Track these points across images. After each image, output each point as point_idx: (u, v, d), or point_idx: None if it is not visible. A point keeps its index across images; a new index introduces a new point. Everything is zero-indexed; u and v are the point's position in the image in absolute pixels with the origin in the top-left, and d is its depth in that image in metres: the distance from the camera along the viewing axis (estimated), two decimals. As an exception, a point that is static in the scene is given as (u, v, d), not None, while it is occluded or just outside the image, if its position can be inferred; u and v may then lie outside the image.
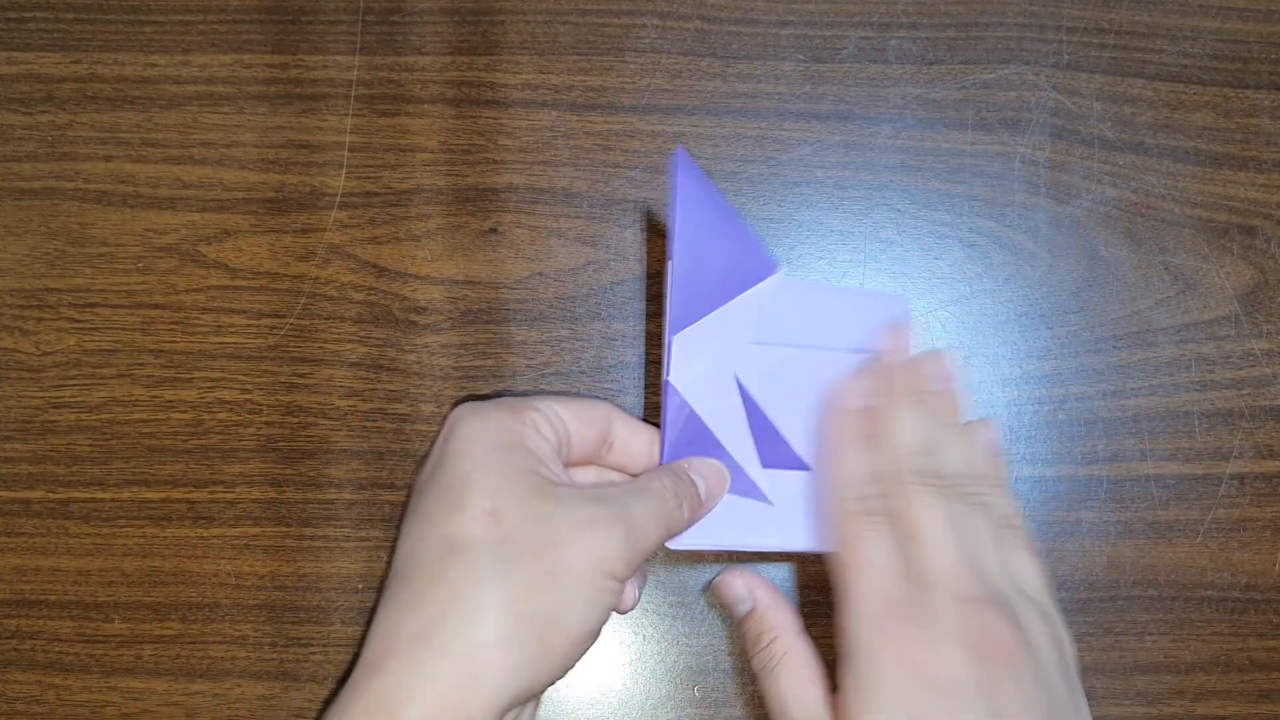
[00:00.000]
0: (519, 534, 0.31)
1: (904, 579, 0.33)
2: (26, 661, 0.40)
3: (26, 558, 0.41)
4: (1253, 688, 0.41)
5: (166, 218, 0.42)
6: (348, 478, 0.41)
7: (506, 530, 0.31)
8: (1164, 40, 0.44)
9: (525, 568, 0.31)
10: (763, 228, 0.43)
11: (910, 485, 0.34)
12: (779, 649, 0.36)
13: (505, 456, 0.33)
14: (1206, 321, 0.42)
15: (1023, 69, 0.43)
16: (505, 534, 0.31)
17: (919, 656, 0.32)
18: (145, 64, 0.43)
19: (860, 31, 0.43)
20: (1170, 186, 0.43)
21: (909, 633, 0.32)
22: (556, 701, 0.41)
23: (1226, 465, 0.42)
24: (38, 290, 0.42)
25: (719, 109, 0.43)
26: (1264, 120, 0.43)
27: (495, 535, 0.31)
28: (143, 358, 0.42)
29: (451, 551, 0.32)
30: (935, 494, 0.34)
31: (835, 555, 0.35)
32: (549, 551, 0.31)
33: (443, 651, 0.30)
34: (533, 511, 0.32)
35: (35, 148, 0.42)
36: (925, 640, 0.32)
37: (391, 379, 0.42)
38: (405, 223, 0.42)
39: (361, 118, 0.43)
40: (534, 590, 0.31)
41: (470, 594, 0.31)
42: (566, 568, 0.31)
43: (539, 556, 0.31)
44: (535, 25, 0.43)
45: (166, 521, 0.41)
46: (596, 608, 0.32)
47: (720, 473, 0.37)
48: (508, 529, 0.31)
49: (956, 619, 0.32)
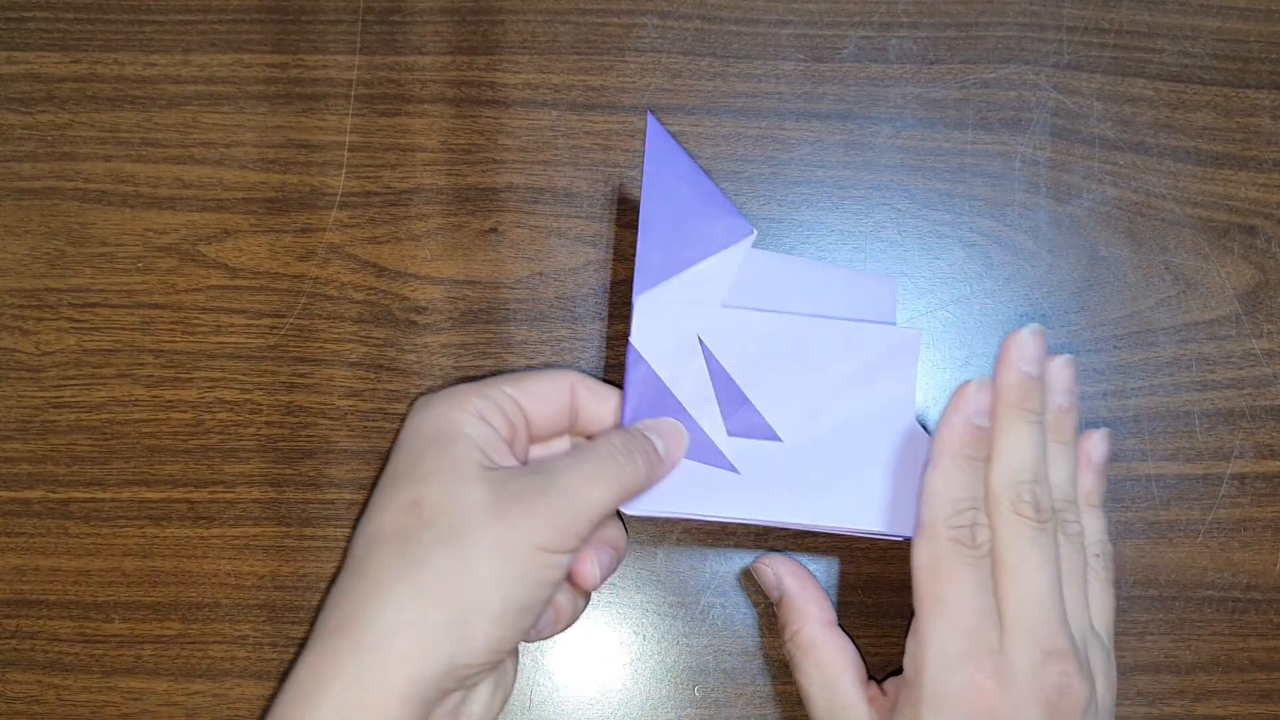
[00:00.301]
0: (437, 521, 0.32)
1: (989, 621, 0.32)
2: (26, 661, 0.40)
3: (26, 558, 0.41)
4: (1253, 688, 0.41)
5: (166, 218, 0.42)
6: (348, 478, 0.41)
7: (426, 518, 0.32)
8: (1164, 40, 0.44)
9: (440, 554, 0.31)
10: (763, 227, 0.43)
11: (1011, 517, 0.33)
12: (804, 640, 0.36)
13: (439, 447, 0.33)
14: (1207, 321, 0.42)
15: (1023, 69, 0.43)
16: (424, 522, 0.32)
17: (993, 712, 0.31)
18: (145, 64, 0.43)
19: (861, 31, 0.43)
20: (1171, 186, 0.43)
21: (986, 685, 0.31)
22: (556, 702, 0.41)
23: (1227, 465, 0.42)
24: (38, 290, 0.42)
25: (719, 109, 0.43)
26: (1264, 120, 0.43)
27: (412, 524, 0.32)
28: (143, 358, 0.42)
29: (374, 544, 0.32)
30: (1034, 528, 0.33)
31: (920, 578, 0.33)
32: (465, 534, 0.31)
33: (356, 641, 0.31)
34: (453, 497, 0.32)
35: (35, 148, 0.42)
36: (1002, 697, 0.31)
37: (391, 379, 0.42)
38: (405, 222, 0.42)
39: (361, 117, 0.43)
40: (446, 575, 0.31)
41: (384, 583, 0.31)
42: (483, 548, 0.31)
43: (455, 540, 0.31)
44: (535, 25, 0.43)
45: (166, 521, 0.41)
46: (524, 583, 0.32)
47: (679, 431, 0.37)
48: (427, 517, 0.32)
49: (1036, 675, 0.32)
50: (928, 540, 0.33)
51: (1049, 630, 0.32)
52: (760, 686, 0.41)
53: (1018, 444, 0.33)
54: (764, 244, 0.42)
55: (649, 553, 0.41)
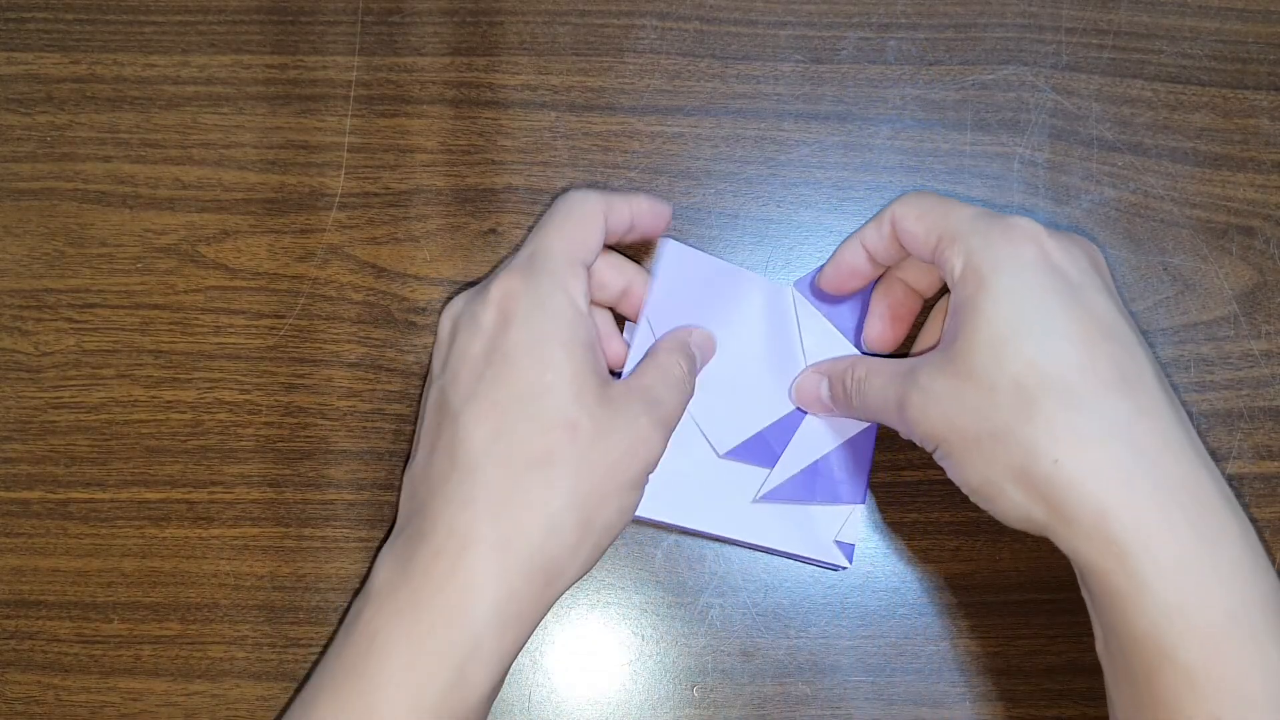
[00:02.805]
0: (592, 449, 0.34)
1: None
2: (25, 662, 0.40)
3: (25, 558, 0.41)
4: (1252, 688, 0.41)
5: (166, 218, 0.42)
6: (347, 478, 0.41)
7: (582, 445, 0.34)
8: (1163, 41, 0.44)
9: (593, 482, 0.34)
10: (762, 228, 0.43)
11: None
12: (861, 370, 0.38)
13: (573, 357, 0.35)
14: (1205, 322, 0.42)
15: (1022, 70, 0.43)
16: (581, 449, 0.34)
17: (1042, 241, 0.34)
18: (145, 64, 0.43)
19: (859, 32, 0.44)
20: (1169, 187, 0.43)
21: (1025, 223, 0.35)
22: (556, 702, 0.41)
23: (1225, 466, 0.42)
24: (37, 290, 0.42)
25: (718, 109, 0.43)
26: (1263, 121, 0.43)
27: (574, 451, 0.34)
28: (142, 358, 0.42)
29: (535, 464, 0.33)
30: None
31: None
32: (613, 467, 0.34)
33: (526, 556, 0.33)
34: (601, 423, 0.34)
35: (34, 148, 0.42)
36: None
37: (391, 379, 0.42)
38: (405, 223, 0.42)
39: (361, 118, 0.43)
40: (598, 503, 0.34)
41: (552, 505, 0.33)
42: (622, 480, 0.35)
43: (606, 471, 0.34)
44: (535, 26, 0.43)
45: (165, 522, 0.41)
46: (631, 508, 0.36)
47: (710, 341, 0.40)
48: (583, 444, 0.34)
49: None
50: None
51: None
52: (759, 686, 0.41)
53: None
54: (764, 244, 0.43)
55: (648, 553, 0.41)
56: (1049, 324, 0.32)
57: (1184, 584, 0.30)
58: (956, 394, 0.33)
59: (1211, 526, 0.31)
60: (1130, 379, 0.32)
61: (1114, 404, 0.31)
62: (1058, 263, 0.33)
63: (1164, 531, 0.30)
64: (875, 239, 0.38)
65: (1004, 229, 0.34)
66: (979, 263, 0.34)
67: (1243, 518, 0.31)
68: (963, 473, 0.34)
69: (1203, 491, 0.31)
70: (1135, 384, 0.32)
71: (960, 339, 0.33)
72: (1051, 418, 0.31)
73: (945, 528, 0.41)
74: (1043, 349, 0.32)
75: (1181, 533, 0.30)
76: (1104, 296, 0.33)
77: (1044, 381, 0.31)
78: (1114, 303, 0.34)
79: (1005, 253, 0.33)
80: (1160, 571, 0.30)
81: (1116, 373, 0.32)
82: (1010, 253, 0.33)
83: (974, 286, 0.33)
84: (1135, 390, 0.32)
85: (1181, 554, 0.30)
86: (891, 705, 0.41)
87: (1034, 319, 0.32)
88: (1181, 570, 0.30)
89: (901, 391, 0.35)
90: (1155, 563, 0.30)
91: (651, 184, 0.43)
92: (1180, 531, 0.30)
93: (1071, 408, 0.31)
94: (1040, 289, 0.33)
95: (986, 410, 0.32)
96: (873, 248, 0.38)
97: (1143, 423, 0.31)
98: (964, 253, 0.34)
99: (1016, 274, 0.33)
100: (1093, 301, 0.33)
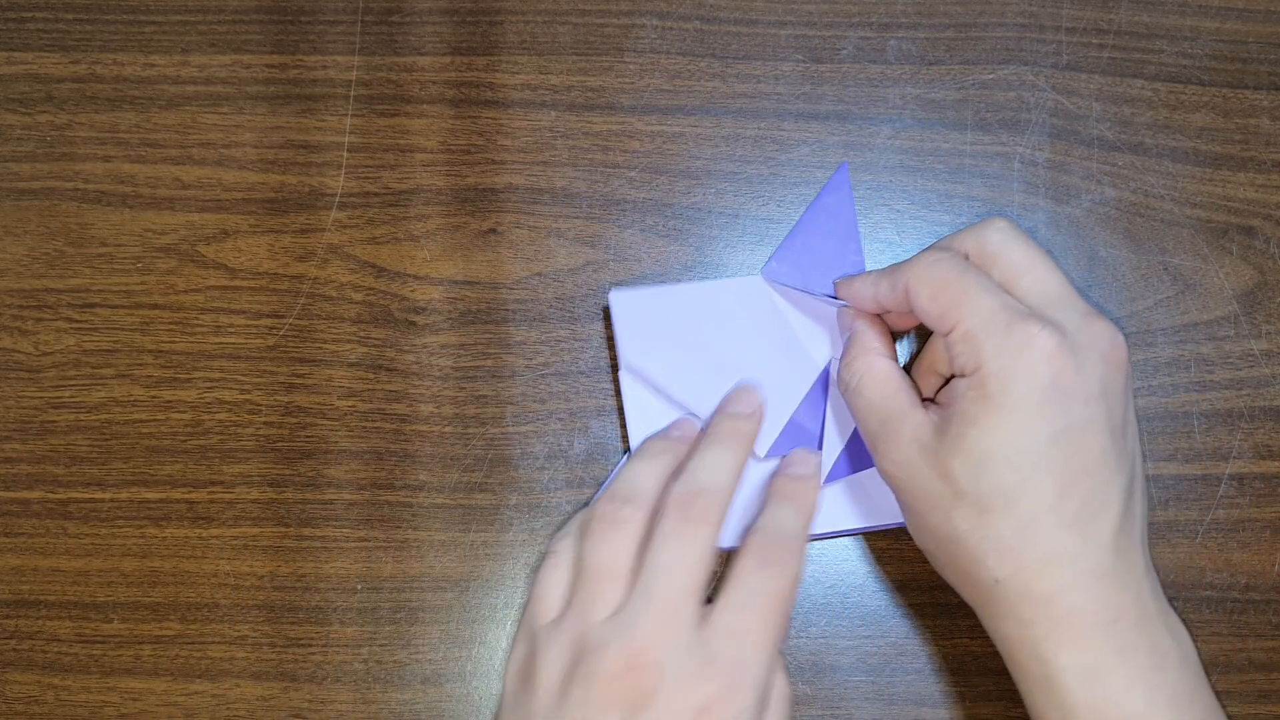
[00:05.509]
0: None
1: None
2: (25, 662, 0.40)
3: (25, 558, 0.41)
4: (1253, 688, 0.41)
5: (166, 218, 0.42)
6: (347, 478, 0.41)
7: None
8: (1163, 41, 0.44)
9: None
10: (762, 228, 0.43)
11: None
12: (861, 366, 0.38)
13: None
14: (1206, 322, 0.42)
15: (1022, 69, 0.43)
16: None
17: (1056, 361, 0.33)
18: (145, 64, 0.43)
19: (859, 32, 0.43)
20: (1169, 187, 0.43)
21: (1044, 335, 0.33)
22: (555, 702, 0.41)
23: (1225, 466, 0.42)
24: (37, 290, 0.42)
25: (718, 109, 0.43)
26: (1263, 121, 0.43)
27: None
28: (142, 358, 0.42)
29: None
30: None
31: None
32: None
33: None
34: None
35: (34, 148, 0.42)
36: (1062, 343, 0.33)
37: (391, 379, 0.42)
38: (404, 223, 0.42)
39: (361, 118, 0.43)
40: None
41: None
42: None
43: None
44: (535, 25, 0.43)
45: (165, 522, 0.41)
46: None
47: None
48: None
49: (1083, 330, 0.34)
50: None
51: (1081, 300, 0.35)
52: (759, 687, 0.41)
53: None
54: (764, 244, 0.43)
55: (648, 553, 0.41)
56: (1034, 460, 0.33)
57: (1092, 687, 0.33)
58: (927, 481, 0.34)
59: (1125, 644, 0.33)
60: (1089, 516, 0.33)
61: (1063, 539, 0.33)
62: (1067, 389, 0.33)
63: (1079, 646, 0.33)
64: (889, 297, 0.37)
65: (1023, 343, 0.33)
66: (987, 375, 0.33)
67: (1159, 631, 0.33)
68: (911, 527, 0.37)
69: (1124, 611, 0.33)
70: (1091, 521, 0.33)
71: (950, 436, 0.34)
72: (1002, 543, 0.33)
73: (945, 527, 0.41)
74: (1019, 481, 0.33)
75: (1095, 646, 0.33)
76: (1100, 430, 0.33)
77: (1008, 510, 0.33)
78: (1108, 427, 0.33)
79: (1018, 370, 0.33)
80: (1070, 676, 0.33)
81: (1079, 511, 0.33)
82: (1023, 372, 0.33)
83: (979, 393, 0.33)
84: (1088, 527, 0.33)
85: (1092, 662, 0.33)
86: (891, 705, 0.41)
87: (1022, 450, 0.33)
88: (1091, 675, 0.33)
89: (880, 433, 0.36)
90: (1067, 669, 0.33)
91: (651, 184, 0.43)
92: (1094, 644, 0.33)
93: (1025, 540, 0.33)
94: (1039, 420, 0.33)
95: (949, 511, 0.34)
96: (885, 302, 0.38)
97: (1085, 555, 0.33)
98: (976, 357, 0.33)
99: (1023, 398, 0.33)
100: (1086, 440, 0.33)
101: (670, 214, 0.43)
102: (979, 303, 0.34)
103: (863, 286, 0.38)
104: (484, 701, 0.41)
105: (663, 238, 0.42)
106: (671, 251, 0.42)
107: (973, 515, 0.33)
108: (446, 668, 0.41)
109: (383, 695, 0.40)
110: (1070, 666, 0.33)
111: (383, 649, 0.41)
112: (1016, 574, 0.33)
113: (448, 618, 0.41)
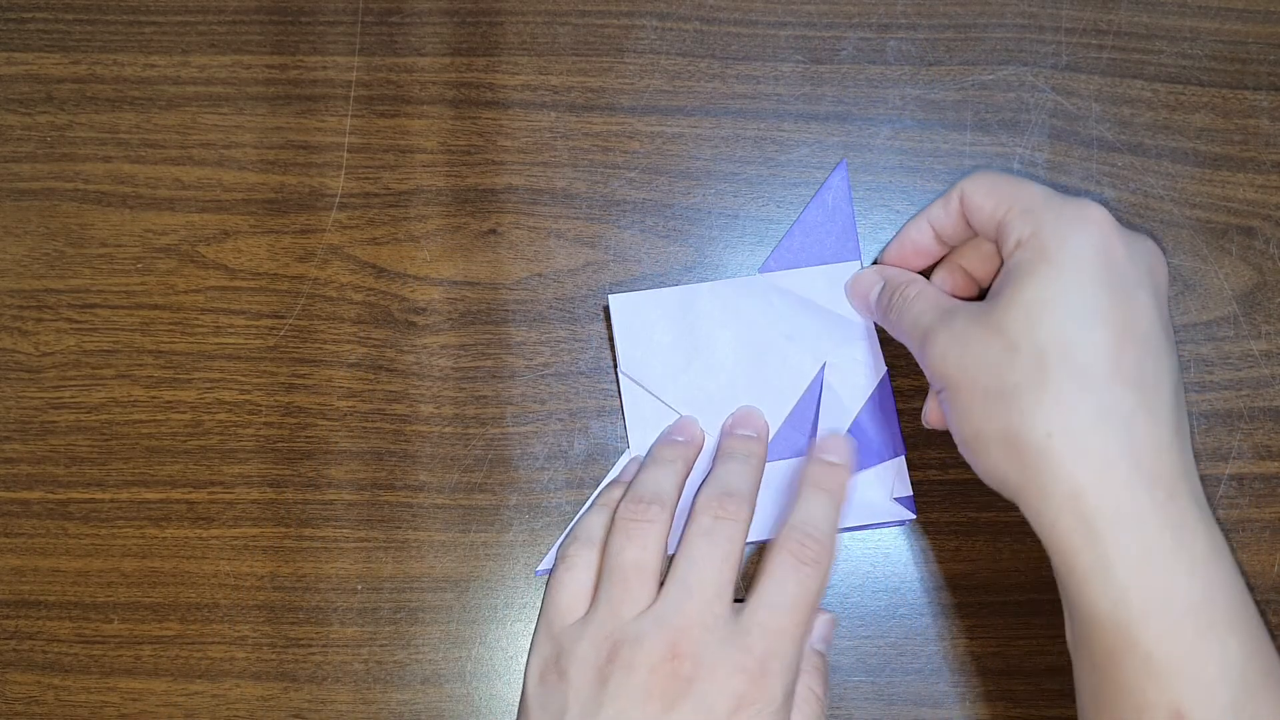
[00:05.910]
0: None
1: None
2: (25, 662, 0.40)
3: (26, 558, 0.41)
4: (1251, 688, 0.41)
5: (166, 218, 0.42)
6: (347, 478, 0.41)
7: None
8: (1163, 41, 0.44)
9: None
10: (762, 228, 0.43)
11: None
12: (912, 291, 0.38)
13: None
14: (1205, 322, 0.42)
15: (1021, 70, 0.43)
16: None
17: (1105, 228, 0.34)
18: (145, 65, 0.43)
19: (859, 33, 0.44)
20: (1169, 187, 0.43)
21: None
22: (555, 702, 0.41)
23: (1225, 466, 0.42)
24: (37, 291, 0.42)
25: (718, 110, 0.43)
26: (1263, 121, 0.43)
27: None
28: (142, 358, 0.42)
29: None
30: None
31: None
32: None
33: None
34: None
35: (35, 148, 0.42)
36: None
37: (391, 380, 0.42)
38: (405, 223, 0.42)
39: (361, 118, 0.43)
40: None
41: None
42: None
43: None
44: (535, 26, 0.43)
45: (165, 522, 0.41)
46: None
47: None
48: None
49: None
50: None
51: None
52: (759, 687, 0.41)
53: None
54: (764, 244, 0.43)
55: (648, 553, 0.41)
56: (1091, 310, 0.33)
57: (1148, 571, 0.31)
58: (981, 344, 0.34)
59: (1183, 524, 0.31)
60: (1146, 379, 0.32)
61: (1121, 394, 0.32)
62: (1118, 258, 0.34)
63: (1133, 519, 0.31)
64: (943, 217, 0.38)
65: (1078, 210, 0.34)
66: (1047, 235, 0.34)
67: (1212, 523, 0.32)
68: (959, 420, 0.35)
69: (1179, 490, 0.32)
70: (1149, 384, 0.32)
71: (1004, 296, 0.34)
72: (1059, 392, 0.32)
73: (945, 528, 0.41)
74: (1077, 329, 0.32)
75: (1150, 523, 0.31)
76: (1151, 302, 0.34)
77: (1065, 357, 0.32)
78: (1158, 311, 0.34)
79: (1074, 230, 0.34)
80: (1125, 557, 0.31)
81: (1136, 370, 0.32)
82: (1079, 232, 0.34)
83: (1035, 253, 0.34)
84: (1146, 389, 0.32)
85: (1149, 543, 0.31)
86: (891, 705, 0.41)
87: (1079, 300, 0.33)
88: (1147, 558, 0.31)
89: (933, 326, 0.36)
90: (1121, 547, 0.31)
91: (651, 184, 0.43)
92: (1149, 522, 0.31)
93: (1082, 389, 0.32)
94: (1095, 276, 0.33)
95: (1003, 368, 0.33)
96: (939, 226, 0.39)
97: (1142, 417, 0.32)
98: (1034, 223, 0.34)
99: (1078, 253, 0.33)
100: (1138, 304, 0.33)
101: (670, 214, 0.43)
102: (1033, 188, 0.36)
103: (917, 221, 0.39)
104: (484, 702, 0.41)
105: (662, 238, 0.42)
106: (671, 252, 0.42)
107: (1028, 367, 0.32)
108: (446, 668, 0.41)
109: (383, 695, 0.40)
110: (1127, 546, 0.31)
111: (383, 649, 0.41)
112: (1070, 427, 0.32)
113: (448, 618, 0.41)
